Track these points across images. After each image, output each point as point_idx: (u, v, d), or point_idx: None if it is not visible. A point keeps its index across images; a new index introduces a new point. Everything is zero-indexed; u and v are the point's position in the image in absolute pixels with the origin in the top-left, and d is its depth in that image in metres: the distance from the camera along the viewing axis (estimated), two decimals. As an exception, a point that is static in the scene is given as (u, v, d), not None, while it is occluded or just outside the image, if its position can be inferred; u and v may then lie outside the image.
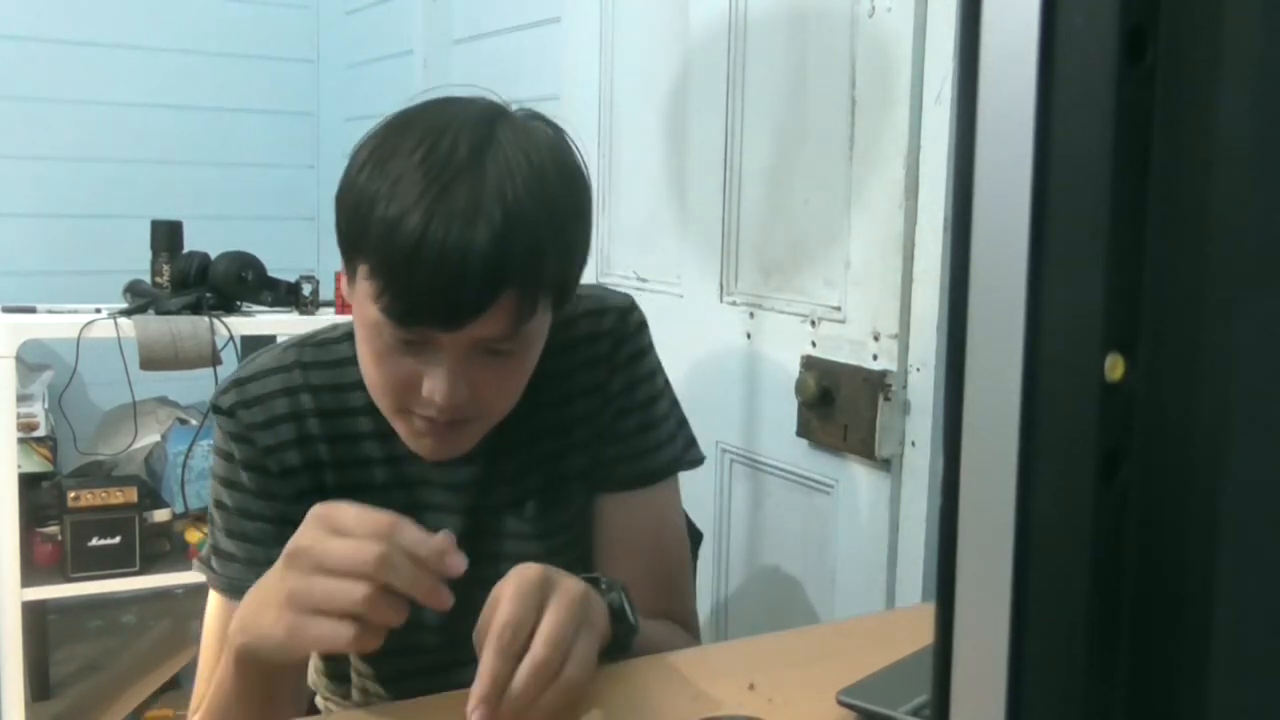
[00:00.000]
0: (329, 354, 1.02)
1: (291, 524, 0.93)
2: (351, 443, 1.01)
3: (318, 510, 0.80)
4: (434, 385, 0.89)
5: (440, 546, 0.77)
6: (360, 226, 0.86)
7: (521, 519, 1.04)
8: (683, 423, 1.14)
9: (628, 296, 1.10)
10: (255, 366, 1.01)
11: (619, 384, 1.07)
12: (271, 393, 0.99)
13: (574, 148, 0.95)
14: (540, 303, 0.90)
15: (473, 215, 0.83)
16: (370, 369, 0.93)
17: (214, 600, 1.02)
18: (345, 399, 1.01)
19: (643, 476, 1.10)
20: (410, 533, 0.77)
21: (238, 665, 0.84)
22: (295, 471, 0.99)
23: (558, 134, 0.94)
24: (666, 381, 1.13)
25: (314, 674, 1.10)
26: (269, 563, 0.92)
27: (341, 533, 0.78)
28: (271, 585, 0.80)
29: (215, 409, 1.00)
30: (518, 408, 0.97)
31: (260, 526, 0.99)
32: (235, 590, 0.97)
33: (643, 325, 1.09)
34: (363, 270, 0.87)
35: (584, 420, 1.06)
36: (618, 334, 1.07)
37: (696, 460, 1.15)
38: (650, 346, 1.10)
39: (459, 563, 0.77)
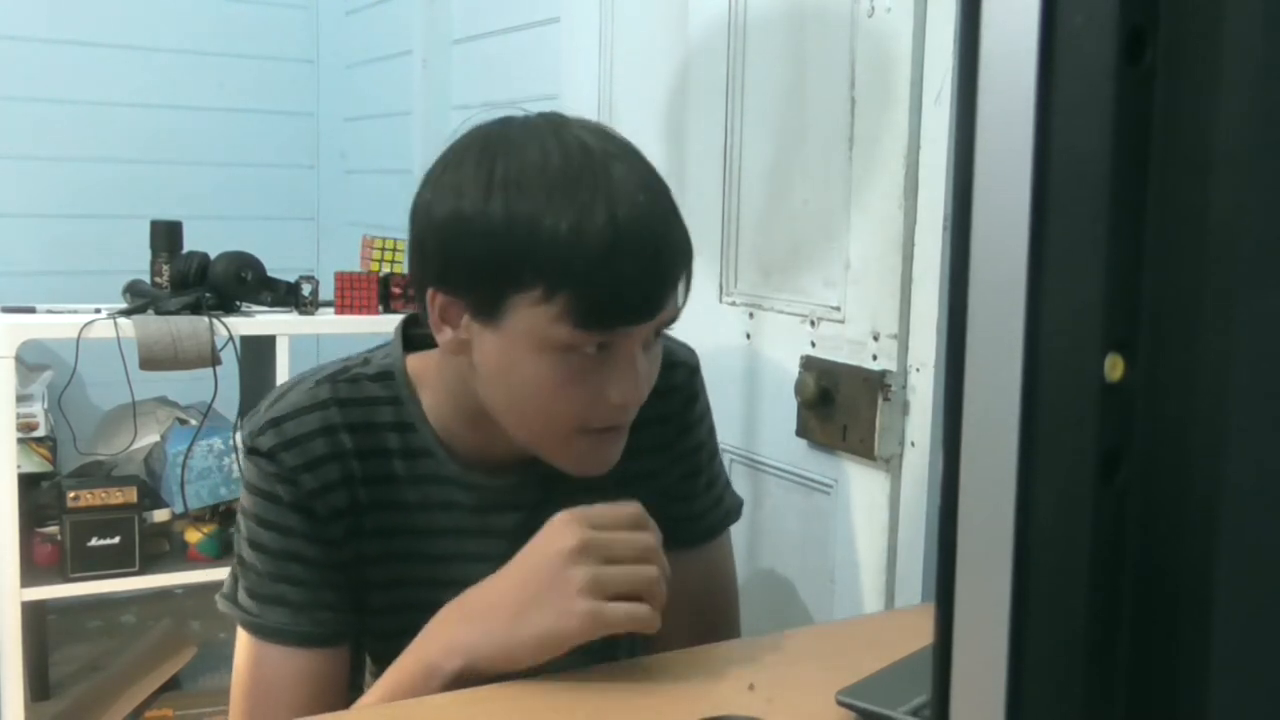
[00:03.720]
0: (361, 391, 0.97)
1: (336, 567, 0.95)
2: (389, 485, 0.97)
3: (570, 513, 0.86)
4: (625, 386, 0.87)
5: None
6: (522, 253, 0.82)
7: None
8: (722, 462, 1.13)
9: (693, 351, 1.09)
10: (289, 404, 0.96)
11: (688, 443, 1.07)
12: (310, 432, 0.94)
13: None
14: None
15: (638, 198, 0.84)
16: (552, 399, 0.88)
17: (250, 644, 0.96)
18: (381, 440, 0.97)
19: (710, 531, 1.10)
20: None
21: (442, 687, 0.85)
22: (342, 514, 0.95)
23: None
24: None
25: None
26: (319, 606, 0.94)
27: (600, 527, 0.85)
28: (509, 590, 0.85)
29: (253, 451, 0.94)
30: None
31: (309, 570, 0.94)
32: (282, 636, 0.94)
33: (703, 380, 1.09)
34: (527, 300, 0.84)
35: (649, 476, 1.03)
36: (688, 391, 1.06)
37: (741, 505, 1.15)
38: (708, 401, 1.10)
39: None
